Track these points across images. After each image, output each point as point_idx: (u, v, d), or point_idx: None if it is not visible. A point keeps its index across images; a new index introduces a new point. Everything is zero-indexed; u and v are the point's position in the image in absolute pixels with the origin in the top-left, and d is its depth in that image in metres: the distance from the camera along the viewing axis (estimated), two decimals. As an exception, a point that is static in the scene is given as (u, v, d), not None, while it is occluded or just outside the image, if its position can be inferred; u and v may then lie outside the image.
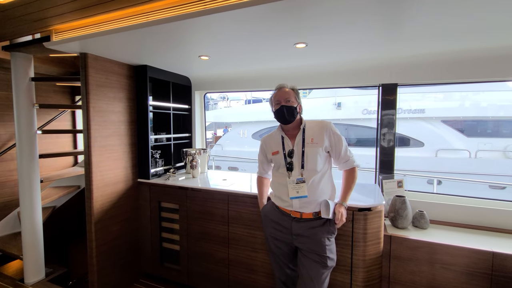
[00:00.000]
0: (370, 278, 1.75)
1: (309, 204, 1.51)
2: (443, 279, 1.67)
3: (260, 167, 1.78)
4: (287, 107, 1.53)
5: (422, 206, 2.08)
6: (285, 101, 1.54)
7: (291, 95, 1.55)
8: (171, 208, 2.38)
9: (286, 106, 1.53)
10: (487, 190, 6.27)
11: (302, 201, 1.52)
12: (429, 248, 1.70)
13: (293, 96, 1.56)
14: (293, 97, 1.56)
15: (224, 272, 2.15)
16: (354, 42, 1.74)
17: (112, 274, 2.24)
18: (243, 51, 1.94)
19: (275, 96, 1.58)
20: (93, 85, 2.03)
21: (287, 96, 1.54)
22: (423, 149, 7.47)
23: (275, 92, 1.61)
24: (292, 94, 1.56)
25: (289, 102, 1.54)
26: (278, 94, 1.58)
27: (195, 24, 1.46)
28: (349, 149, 1.61)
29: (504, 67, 1.88)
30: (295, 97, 1.56)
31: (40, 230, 2.40)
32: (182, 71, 2.70)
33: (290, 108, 1.53)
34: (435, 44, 1.79)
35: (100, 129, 2.10)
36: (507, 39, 1.69)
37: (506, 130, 7.28)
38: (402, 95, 2.23)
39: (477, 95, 7.40)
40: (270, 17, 1.36)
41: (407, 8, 1.27)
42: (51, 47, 1.84)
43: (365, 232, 1.71)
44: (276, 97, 1.58)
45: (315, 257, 1.49)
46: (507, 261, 1.54)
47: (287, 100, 1.54)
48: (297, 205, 1.53)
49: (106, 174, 2.16)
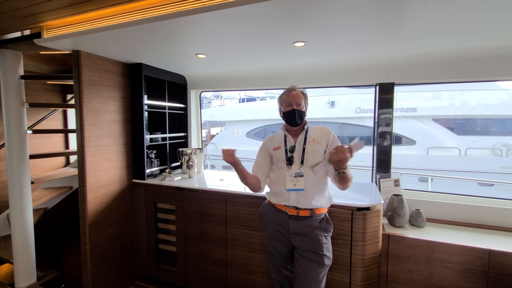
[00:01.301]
0: (369, 277, 1.76)
1: (306, 199, 1.51)
2: (441, 277, 1.69)
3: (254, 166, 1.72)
4: (299, 111, 1.57)
5: (418, 205, 2.11)
6: (297, 105, 1.57)
7: (302, 99, 1.59)
8: (167, 209, 2.34)
9: (298, 110, 1.57)
10: (476, 187, 6.42)
11: (299, 194, 1.52)
12: (427, 247, 1.72)
13: (303, 101, 1.60)
14: (303, 101, 1.60)
15: (222, 273, 2.13)
16: (352, 41, 1.74)
17: (107, 277, 2.19)
18: (242, 49, 1.91)
19: (287, 97, 1.60)
20: (87, 83, 1.97)
21: (299, 100, 1.58)
22: (415, 147, 7.59)
23: (286, 93, 1.62)
24: (302, 98, 1.60)
25: (300, 106, 1.58)
26: (290, 96, 1.59)
27: (192, 22, 1.43)
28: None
29: (502, 66, 1.90)
30: (304, 101, 1.61)
31: (31, 232, 2.33)
32: (177, 70, 2.66)
33: (301, 112, 1.59)
34: (432, 44, 1.80)
35: (93, 128, 2.04)
36: (505, 39, 1.71)
37: (494, 128, 7.46)
38: (396, 94, 2.25)
39: (465, 94, 7.56)
40: (270, 14, 1.34)
41: (405, 8, 1.27)
42: (42, 44, 1.78)
43: (364, 231, 1.71)
44: (288, 98, 1.60)
45: (312, 256, 1.49)
46: (503, 259, 1.57)
47: (299, 104, 1.58)
48: (294, 199, 1.53)
49: (100, 175, 2.11)
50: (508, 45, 1.79)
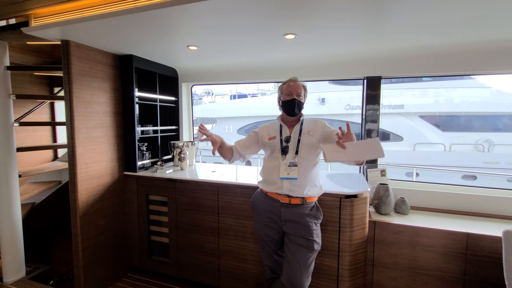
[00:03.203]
0: (356, 261, 1.84)
1: (298, 188, 1.56)
2: (423, 260, 1.79)
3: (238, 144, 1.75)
4: (298, 101, 1.61)
5: (403, 194, 2.20)
6: (297, 95, 1.61)
7: (302, 90, 1.63)
8: (159, 200, 2.36)
9: (298, 101, 1.61)
10: (460, 181, 6.67)
11: (291, 183, 1.56)
12: (411, 232, 1.81)
13: (303, 92, 1.65)
14: (303, 93, 1.64)
15: (215, 262, 2.17)
16: (341, 34, 1.78)
17: (99, 269, 2.19)
18: (233, 41, 1.93)
19: (288, 87, 1.63)
20: (76, 73, 1.95)
21: (300, 91, 1.62)
22: (402, 143, 7.80)
23: (287, 83, 1.66)
24: (302, 90, 1.64)
25: (300, 97, 1.62)
26: (291, 86, 1.63)
27: (184, 12, 1.44)
28: None
29: (484, 61, 1.99)
30: (304, 93, 1.65)
31: (19, 227, 2.30)
32: (169, 62, 2.66)
33: (300, 103, 1.63)
34: (417, 38, 1.88)
35: (84, 120, 2.03)
36: (485, 35, 1.79)
37: (477, 124, 7.75)
38: (382, 91, 2.32)
39: (450, 92, 7.82)
40: (261, 5, 1.37)
41: (391, 3, 1.33)
42: (30, 33, 1.75)
43: (352, 218, 1.78)
44: (289, 88, 1.63)
45: (302, 241, 1.54)
46: (480, 241, 1.67)
47: (299, 94, 1.62)
48: (287, 187, 1.57)
49: (91, 166, 2.10)
50: (489, 40, 1.88)
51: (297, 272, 1.52)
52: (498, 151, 7.30)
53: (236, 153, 1.73)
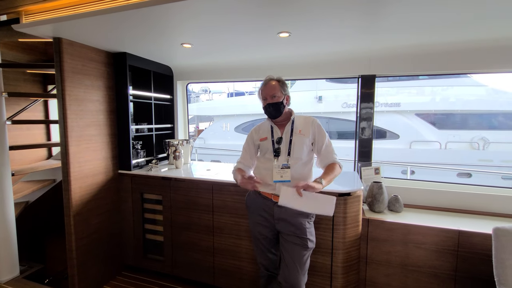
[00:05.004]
0: (349, 259, 1.85)
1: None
2: (415, 257, 1.80)
3: (242, 158, 1.75)
4: (272, 104, 1.57)
5: (396, 191, 2.21)
6: (271, 98, 1.56)
7: (276, 89, 1.57)
8: (154, 199, 2.35)
9: (272, 104, 1.57)
10: (455, 179, 6.73)
11: (285, 184, 1.55)
12: (403, 229, 1.82)
13: (279, 90, 1.57)
14: (279, 91, 1.57)
15: (209, 260, 2.17)
16: (335, 33, 1.78)
17: (93, 268, 2.19)
18: (227, 38, 1.93)
19: (262, 92, 1.61)
20: (69, 71, 1.93)
21: (273, 92, 1.56)
22: (399, 141, 7.84)
23: (261, 87, 1.62)
24: (277, 88, 1.57)
25: (275, 98, 1.56)
26: (264, 90, 1.59)
27: (177, 9, 1.43)
28: (334, 150, 1.63)
29: (477, 59, 2.00)
30: (280, 90, 1.58)
31: (12, 225, 2.28)
32: (163, 60, 2.64)
33: (276, 104, 1.57)
34: (410, 37, 1.88)
35: (77, 118, 2.01)
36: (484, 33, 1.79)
37: (472, 122, 7.81)
38: (379, 89, 2.33)
39: (446, 91, 7.87)
40: (255, 3, 1.36)
41: (386, 2, 1.33)
42: (21, 30, 1.73)
43: (345, 216, 1.79)
44: (262, 93, 1.60)
45: (297, 240, 1.55)
46: (471, 238, 1.69)
47: (273, 96, 1.56)
48: (280, 188, 1.57)
49: (84, 165, 2.09)
50: (483, 39, 1.89)
51: (293, 271, 1.53)
52: (493, 149, 7.37)
53: (247, 170, 1.72)
